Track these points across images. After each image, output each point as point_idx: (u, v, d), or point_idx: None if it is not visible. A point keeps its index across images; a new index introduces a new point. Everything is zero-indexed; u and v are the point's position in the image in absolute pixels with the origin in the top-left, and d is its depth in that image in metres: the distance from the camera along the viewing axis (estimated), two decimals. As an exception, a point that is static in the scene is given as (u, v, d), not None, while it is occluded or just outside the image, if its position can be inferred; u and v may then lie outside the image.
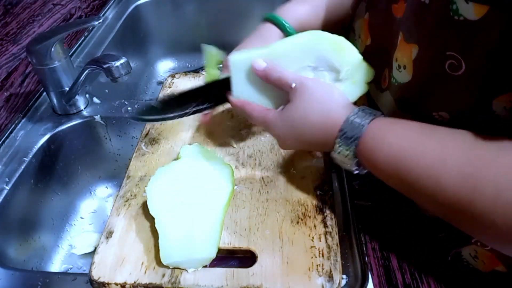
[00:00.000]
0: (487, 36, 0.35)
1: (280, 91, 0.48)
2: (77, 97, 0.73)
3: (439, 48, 0.39)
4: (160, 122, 0.63)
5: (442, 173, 0.35)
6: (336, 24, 0.61)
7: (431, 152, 0.36)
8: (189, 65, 1.19)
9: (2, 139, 0.68)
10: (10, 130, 0.70)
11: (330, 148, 0.44)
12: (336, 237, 0.47)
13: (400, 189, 0.40)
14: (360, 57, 0.47)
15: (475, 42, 0.36)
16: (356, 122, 0.41)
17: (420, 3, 0.40)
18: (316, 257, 0.45)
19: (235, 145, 0.60)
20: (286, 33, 0.58)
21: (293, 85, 0.45)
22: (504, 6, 0.33)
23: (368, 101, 0.56)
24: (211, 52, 0.58)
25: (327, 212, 0.49)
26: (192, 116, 0.65)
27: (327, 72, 0.48)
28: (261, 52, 0.48)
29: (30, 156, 0.66)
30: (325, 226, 0.48)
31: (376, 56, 0.52)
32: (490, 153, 0.34)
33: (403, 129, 0.40)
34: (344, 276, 0.46)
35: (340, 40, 0.47)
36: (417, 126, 0.40)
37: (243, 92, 0.50)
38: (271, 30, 0.58)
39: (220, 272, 0.44)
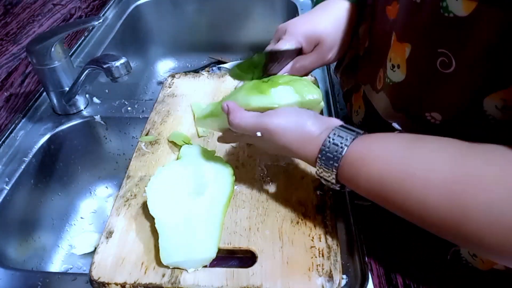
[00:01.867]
0: (477, 32, 0.35)
1: None
2: (77, 97, 0.72)
3: (431, 45, 0.39)
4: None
5: (426, 197, 0.34)
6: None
7: (415, 174, 0.35)
8: (189, 65, 1.19)
9: (2, 139, 0.68)
10: (10, 130, 0.70)
11: (312, 166, 0.43)
12: (336, 237, 0.47)
13: (387, 208, 0.39)
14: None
15: (465, 38, 0.36)
16: (332, 149, 0.40)
17: (412, 2, 0.40)
18: (316, 257, 0.45)
19: (235, 145, 0.60)
20: (352, 2, 0.54)
21: (258, 134, 0.43)
22: (492, 0, 0.33)
23: (364, 102, 0.56)
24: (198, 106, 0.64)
25: (327, 212, 0.49)
26: (192, 116, 0.65)
27: None
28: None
29: (30, 156, 0.66)
30: (325, 226, 0.48)
31: (372, 57, 0.53)
32: (477, 167, 0.33)
33: (384, 150, 0.38)
34: (344, 276, 0.46)
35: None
36: (400, 142, 0.38)
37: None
38: (336, 1, 0.55)
39: (220, 272, 0.44)
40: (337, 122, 0.43)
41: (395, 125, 0.47)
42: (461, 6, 0.35)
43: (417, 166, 0.35)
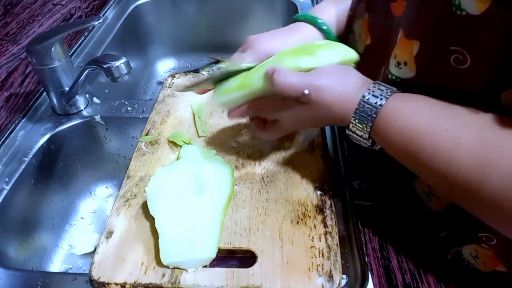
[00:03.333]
0: (490, 31, 0.35)
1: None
2: (77, 97, 0.73)
3: (442, 43, 0.39)
4: (160, 119, 0.63)
5: (454, 154, 0.36)
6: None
7: (445, 133, 0.37)
8: (189, 65, 1.19)
9: (2, 139, 0.68)
10: (10, 130, 0.70)
11: (345, 125, 0.45)
12: (336, 237, 0.47)
13: (412, 168, 0.41)
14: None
15: (478, 37, 0.36)
16: (370, 102, 0.41)
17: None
18: (316, 257, 0.45)
19: (235, 145, 0.60)
20: (320, 29, 0.56)
21: (306, 91, 0.44)
22: (507, 0, 0.32)
23: None
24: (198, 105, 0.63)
25: (327, 212, 0.49)
26: (191, 115, 0.65)
27: None
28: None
29: (30, 156, 0.66)
30: (325, 226, 0.48)
31: (375, 55, 0.52)
32: (503, 138, 0.34)
33: (418, 107, 0.40)
34: (344, 276, 0.46)
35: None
36: (432, 104, 0.40)
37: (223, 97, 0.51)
38: (305, 26, 0.57)
39: (220, 272, 0.44)
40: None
41: None
42: (474, 4, 0.35)
43: (448, 126, 0.37)
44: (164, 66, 1.19)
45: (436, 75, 0.41)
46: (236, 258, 0.48)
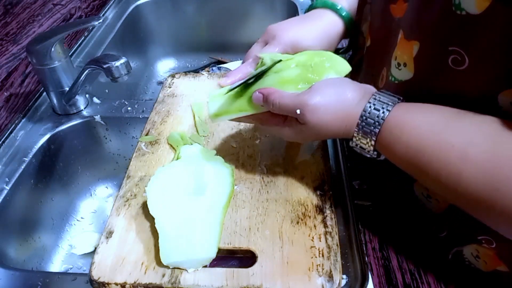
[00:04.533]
0: (490, 30, 0.35)
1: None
2: (77, 97, 0.73)
3: (441, 43, 0.39)
4: (158, 121, 0.63)
5: (462, 170, 0.35)
6: None
7: (451, 149, 0.35)
8: (189, 65, 1.19)
9: (2, 139, 0.68)
10: (10, 130, 0.70)
11: (349, 137, 0.43)
12: (336, 237, 0.47)
13: (420, 180, 0.40)
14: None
15: (477, 36, 0.36)
16: (372, 116, 0.40)
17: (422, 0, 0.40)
18: (316, 257, 0.45)
19: (235, 145, 0.60)
20: (340, 15, 0.55)
21: (298, 111, 0.43)
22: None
23: None
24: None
25: (327, 212, 0.49)
26: (191, 115, 0.65)
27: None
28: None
29: (30, 156, 0.66)
30: (325, 226, 0.48)
31: (374, 57, 0.52)
32: None
33: (422, 120, 0.39)
34: (344, 276, 0.46)
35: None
36: (437, 115, 0.38)
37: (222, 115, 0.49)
38: (325, 12, 0.56)
39: (220, 272, 0.44)
40: (373, 88, 0.44)
41: None
42: (474, 3, 0.34)
43: (456, 139, 0.36)
44: (164, 66, 1.19)
45: (433, 76, 0.41)
46: (236, 258, 0.48)
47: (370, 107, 0.41)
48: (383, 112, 0.40)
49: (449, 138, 0.36)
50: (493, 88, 0.37)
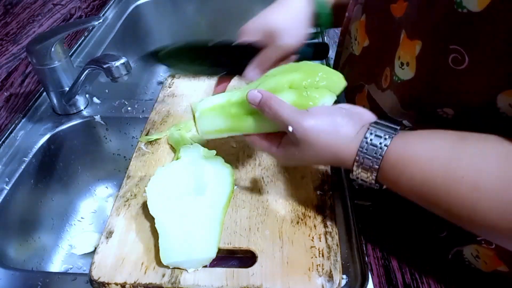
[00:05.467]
0: (491, 28, 0.35)
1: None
2: (77, 97, 0.72)
3: (443, 42, 0.39)
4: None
5: (476, 202, 0.33)
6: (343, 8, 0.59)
7: (462, 178, 0.34)
8: (189, 65, 1.19)
9: (2, 139, 0.68)
10: (10, 130, 0.70)
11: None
12: (336, 237, 0.47)
13: (432, 211, 0.38)
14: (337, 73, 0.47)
15: (478, 34, 0.36)
16: (371, 151, 0.38)
17: None
18: (316, 257, 0.45)
19: (235, 145, 0.60)
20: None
21: (290, 129, 0.41)
22: None
23: (368, 102, 0.56)
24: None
25: (327, 212, 0.49)
26: (191, 115, 0.65)
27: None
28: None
29: (30, 156, 0.66)
30: (325, 226, 0.48)
31: (375, 56, 0.52)
32: None
33: (425, 149, 0.37)
34: (344, 276, 0.46)
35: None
36: (439, 142, 0.37)
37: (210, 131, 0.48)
38: None
39: (220, 272, 0.44)
40: (370, 116, 0.42)
41: (406, 122, 0.47)
42: (475, 1, 0.35)
43: (464, 171, 0.34)
44: (164, 66, 1.19)
45: (433, 76, 0.41)
46: (236, 258, 0.48)
47: (366, 143, 0.39)
48: (381, 148, 0.38)
49: (457, 170, 0.35)
50: (492, 89, 0.37)
